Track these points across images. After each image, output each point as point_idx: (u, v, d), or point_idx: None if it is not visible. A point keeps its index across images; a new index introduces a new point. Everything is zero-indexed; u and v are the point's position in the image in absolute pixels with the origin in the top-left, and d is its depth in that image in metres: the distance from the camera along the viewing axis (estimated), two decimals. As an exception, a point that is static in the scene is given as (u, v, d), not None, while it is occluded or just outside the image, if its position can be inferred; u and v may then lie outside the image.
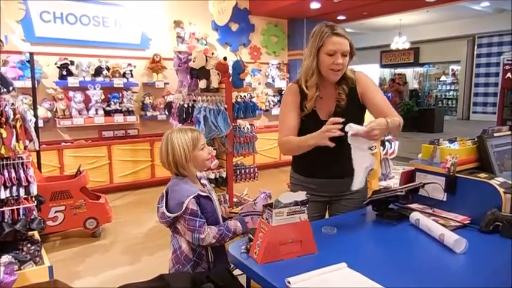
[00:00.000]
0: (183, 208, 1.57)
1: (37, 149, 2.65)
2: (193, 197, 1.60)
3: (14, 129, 2.48)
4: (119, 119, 5.18)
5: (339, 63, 1.65)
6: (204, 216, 1.62)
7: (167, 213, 1.61)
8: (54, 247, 3.45)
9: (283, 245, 1.26)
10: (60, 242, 3.55)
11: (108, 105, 5.19)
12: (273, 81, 6.98)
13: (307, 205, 1.29)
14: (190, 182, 1.70)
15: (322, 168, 1.79)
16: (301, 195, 1.27)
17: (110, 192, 4.94)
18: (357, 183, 1.58)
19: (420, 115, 11.65)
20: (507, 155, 1.83)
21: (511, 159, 1.84)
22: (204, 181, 1.82)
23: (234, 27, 6.52)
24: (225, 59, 3.65)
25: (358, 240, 1.50)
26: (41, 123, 4.58)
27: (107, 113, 5.15)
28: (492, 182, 1.57)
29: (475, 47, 13.72)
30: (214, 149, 3.47)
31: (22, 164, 2.58)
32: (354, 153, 1.54)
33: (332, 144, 1.50)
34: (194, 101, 3.60)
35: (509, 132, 1.92)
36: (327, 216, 1.92)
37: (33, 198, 2.68)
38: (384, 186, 3.51)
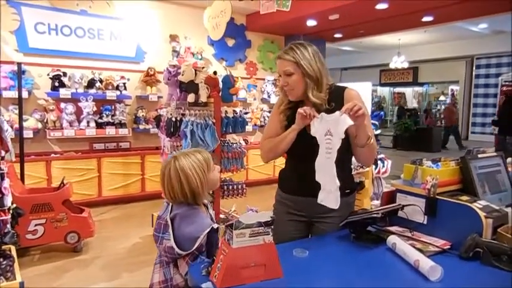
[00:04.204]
0: (196, 245, 1.39)
1: (13, 160, 2.60)
2: (207, 232, 1.42)
3: (-10, 140, 2.43)
4: (110, 131, 5.13)
5: (281, 84, 1.71)
6: (206, 248, 1.45)
7: (178, 250, 1.40)
8: (32, 261, 3.35)
9: (244, 268, 1.18)
10: (39, 256, 3.45)
11: (100, 118, 5.15)
12: (269, 97, 6.97)
13: (272, 226, 1.22)
14: (202, 212, 1.53)
15: (300, 185, 1.73)
16: (266, 216, 1.20)
17: (98, 205, 4.87)
18: (330, 198, 1.54)
19: (418, 134, 11.62)
20: (484, 176, 1.74)
21: (488, 182, 1.76)
22: (205, 201, 1.64)
23: (231, 42, 6.54)
24: (214, 73, 3.63)
25: (329, 265, 1.41)
26: (30, 134, 4.55)
27: (99, 125, 5.11)
28: (473, 205, 1.49)
29: (474, 68, 13.78)
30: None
31: (-2, 175, 2.51)
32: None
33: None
34: (183, 114, 3.56)
35: (494, 154, 1.85)
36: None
37: (9, 211, 2.60)
38: (375, 205, 3.43)
